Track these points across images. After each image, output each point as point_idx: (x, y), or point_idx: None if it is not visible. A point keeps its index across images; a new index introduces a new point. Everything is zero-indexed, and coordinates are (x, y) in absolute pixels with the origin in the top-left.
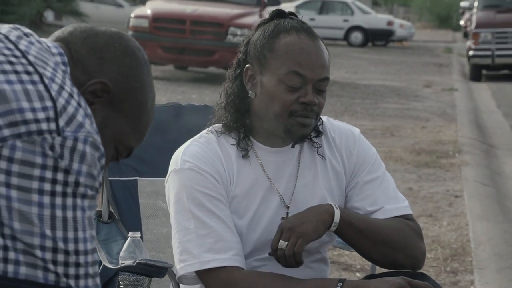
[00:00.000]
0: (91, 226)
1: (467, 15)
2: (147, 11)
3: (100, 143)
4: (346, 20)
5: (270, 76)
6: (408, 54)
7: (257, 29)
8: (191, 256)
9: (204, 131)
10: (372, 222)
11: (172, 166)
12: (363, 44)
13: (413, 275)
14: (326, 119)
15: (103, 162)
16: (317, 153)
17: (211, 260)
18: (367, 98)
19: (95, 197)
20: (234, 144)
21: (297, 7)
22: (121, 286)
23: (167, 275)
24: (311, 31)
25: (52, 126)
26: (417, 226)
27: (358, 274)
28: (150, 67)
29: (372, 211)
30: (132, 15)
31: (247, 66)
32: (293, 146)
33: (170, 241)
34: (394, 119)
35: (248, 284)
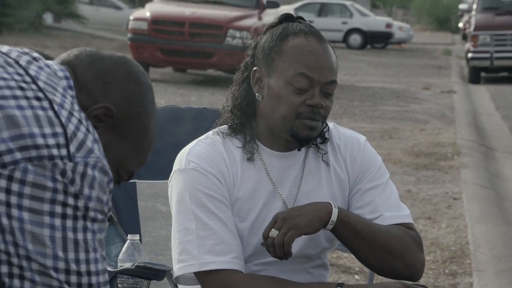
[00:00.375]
0: (102, 247)
1: (466, 18)
2: (146, 13)
3: (108, 168)
4: (345, 23)
5: (277, 78)
6: (407, 57)
7: (265, 32)
8: (191, 257)
9: (210, 132)
10: (371, 225)
11: (177, 165)
12: (362, 47)
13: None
14: (333, 126)
15: (111, 186)
16: (321, 159)
17: (210, 262)
18: (366, 100)
19: (104, 220)
20: (240, 147)
21: (296, 9)
22: None
23: (165, 278)
24: (319, 34)
25: (63, 152)
26: (417, 236)
27: (356, 276)
28: (154, 93)
29: (371, 219)
30: (131, 17)
31: (254, 69)
32: (299, 149)
33: (169, 243)
34: (393, 121)
35: (246, 287)
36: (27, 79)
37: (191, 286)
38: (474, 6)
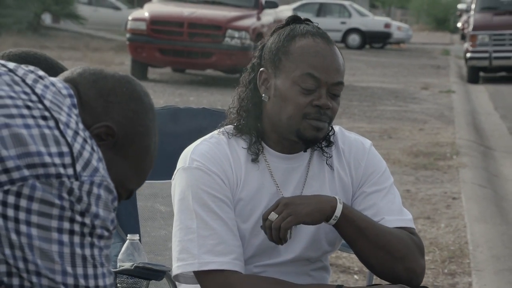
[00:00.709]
0: (108, 262)
1: (464, 17)
2: (145, 13)
3: (113, 187)
4: (343, 23)
5: (284, 79)
6: (405, 56)
7: (272, 34)
8: (191, 256)
9: (216, 132)
10: (375, 224)
11: (181, 163)
12: (361, 47)
13: None
14: (339, 129)
15: (116, 204)
16: (326, 163)
17: (210, 262)
18: (365, 100)
19: (110, 237)
20: (245, 148)
21: (294, 10)
22: None
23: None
24: (327, 36)
25: (70, 171)
26: (419, 241)
27: (355, 276)
28: (155, 113)
29: None
30: (129, 17)
31: (261, 70)
32: (305, 150)
33: (168, 243)
34: (391, 121)
35: None
36: (34, 98)
37: (191, 285)
38: (473, 6)
